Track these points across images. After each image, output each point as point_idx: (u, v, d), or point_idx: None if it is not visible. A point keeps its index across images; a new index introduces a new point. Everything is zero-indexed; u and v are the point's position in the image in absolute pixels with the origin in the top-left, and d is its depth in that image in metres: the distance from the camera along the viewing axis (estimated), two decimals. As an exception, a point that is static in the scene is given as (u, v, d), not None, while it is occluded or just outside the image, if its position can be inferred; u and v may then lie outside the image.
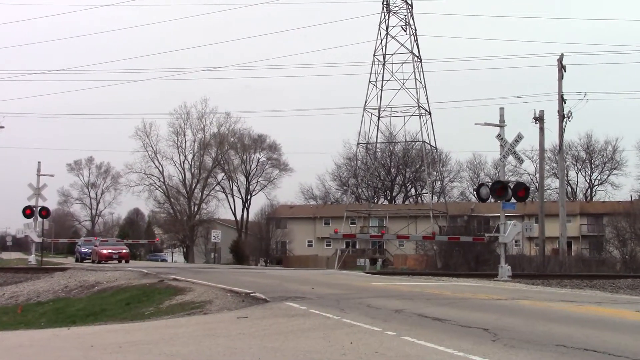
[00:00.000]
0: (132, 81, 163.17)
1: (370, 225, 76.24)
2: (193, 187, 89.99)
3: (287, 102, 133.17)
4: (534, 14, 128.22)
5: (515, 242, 55.77)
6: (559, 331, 10.22)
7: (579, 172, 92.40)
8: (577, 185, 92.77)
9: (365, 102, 66.27)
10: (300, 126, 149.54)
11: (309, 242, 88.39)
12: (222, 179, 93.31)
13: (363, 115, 66.40)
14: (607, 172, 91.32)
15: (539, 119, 47.99)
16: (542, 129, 48.44)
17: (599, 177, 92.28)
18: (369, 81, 66.23)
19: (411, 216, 75.03)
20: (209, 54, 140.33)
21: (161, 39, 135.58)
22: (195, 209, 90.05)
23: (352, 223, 74.58)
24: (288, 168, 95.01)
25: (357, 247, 79.27)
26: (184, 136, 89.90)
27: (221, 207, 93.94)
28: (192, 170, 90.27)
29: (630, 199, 74.90)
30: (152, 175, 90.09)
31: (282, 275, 28.07)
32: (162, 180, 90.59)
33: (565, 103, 48.60)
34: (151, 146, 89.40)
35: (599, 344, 8.90)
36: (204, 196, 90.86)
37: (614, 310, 13.85)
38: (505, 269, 28.42)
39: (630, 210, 55.85)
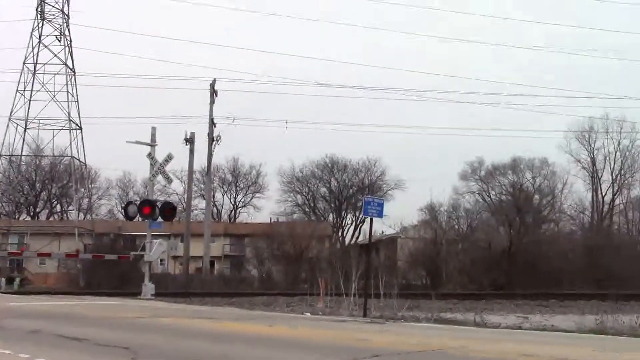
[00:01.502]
0: None
1: (10, 242, 71.88)
2: None
3: None
4: (192, 38, 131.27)
5: (161, 260, 56.45)
6: (198, 347, 10.56)
7: (225, 194, 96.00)
8: (222, 206, 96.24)
9: (11, 112, 62.83)
10: None
11: None
12: None
13: (8, 125, 62.95)
14: (251, 195, 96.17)
15: (190, 140, 49.29)
16: (192, 151, 49.80)
17: (243, 200, 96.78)
18: (17, 90, 62.85)
19: (56, 233, 71.92)
20: None
21: None
22: None
23: (-12, 239, 69.68)
24: None
25: (-7, 265, 74.06)
26: None
27: None
28: None
29: (269, 221, 79.81)
30: None
31: None
32: None
33: (215, 126, 50.62)
34: None
35: (233, 357, 9.38)
36: None
37: (250, 326, 14.68)
38: (149, 287, 28.58)
39: (269, 232, 59.36)
